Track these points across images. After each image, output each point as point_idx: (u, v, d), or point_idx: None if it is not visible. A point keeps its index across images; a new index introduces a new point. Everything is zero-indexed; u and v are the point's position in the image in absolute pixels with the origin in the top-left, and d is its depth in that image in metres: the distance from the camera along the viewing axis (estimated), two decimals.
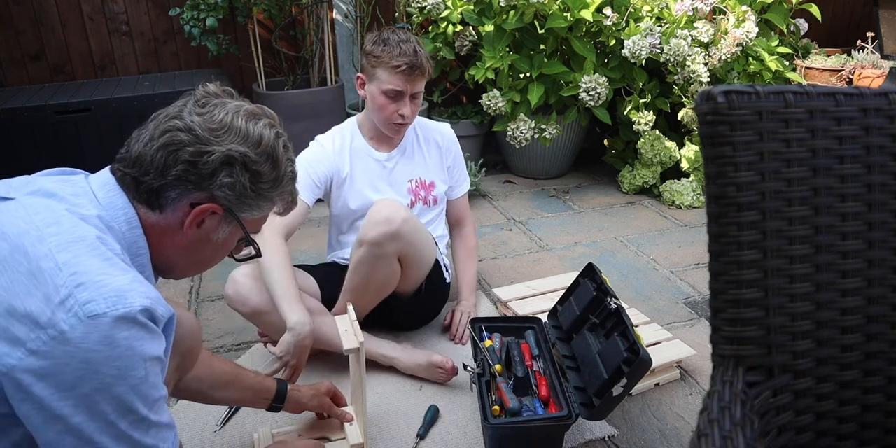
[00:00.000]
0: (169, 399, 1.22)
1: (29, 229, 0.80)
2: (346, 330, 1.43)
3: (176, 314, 0.90)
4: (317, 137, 1.92)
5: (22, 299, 0.75)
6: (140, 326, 0.79)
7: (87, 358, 0.75)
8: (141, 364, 0.79)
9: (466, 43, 3.18)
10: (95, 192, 0.91)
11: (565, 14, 2.86)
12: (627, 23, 2.89)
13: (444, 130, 2.03)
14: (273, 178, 0.98)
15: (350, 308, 1.50)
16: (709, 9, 2.86)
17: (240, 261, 1.08)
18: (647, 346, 1.68)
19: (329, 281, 1.86)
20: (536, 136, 3.06)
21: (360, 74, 1.83)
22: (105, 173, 0.94)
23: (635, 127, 2.99)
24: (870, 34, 3.45)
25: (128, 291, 0.79)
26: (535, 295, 2.12)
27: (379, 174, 1.91)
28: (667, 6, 2.91)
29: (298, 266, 1.86)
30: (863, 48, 3.39)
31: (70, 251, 0.80)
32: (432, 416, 1.63)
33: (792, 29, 3.41)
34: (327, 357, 1.83)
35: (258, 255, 1.06)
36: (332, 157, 1.86)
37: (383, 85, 1.75)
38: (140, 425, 0.82)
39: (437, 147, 1.99)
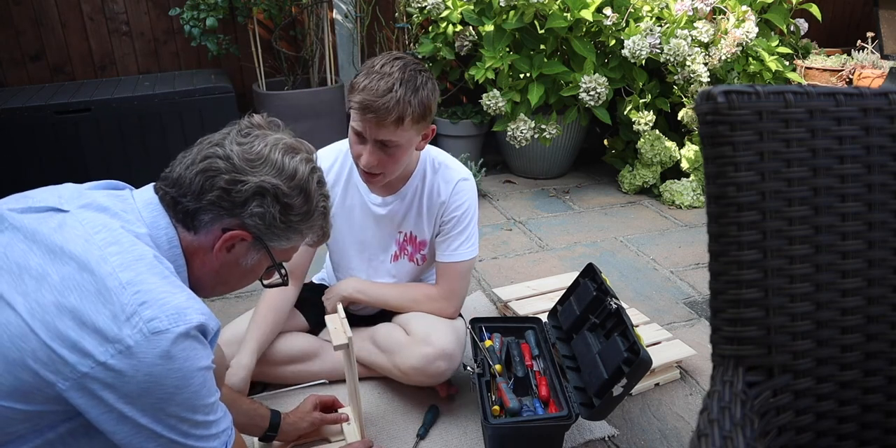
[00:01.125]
0: None
1: (91, 248, 0.85)
2: (336, 327, 1.43)
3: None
4: (317, 153, 1.76)
5: (92, 315, 0.81)
6: (193, 340, 0.86)
7: (150, 371, 0.82)
8: (197, 374, 0.87)
9: (466, 43, 3.18)
10: (141, 210, 0.95)
11: (565, 14, 2.86)
12: (627, 23, 2.89)
13: (455, 182, 1.62)
14: (304, 211, 1.01)
15: (339, 307, 1.50)
16: (709, 9, 2.87)
17: (267, 286, 1.11)
18: (647, 346, 1.68)
19: (321, 303, 1.81)
20: (536, 136, 3.06)
21: None
22: (149, 191, 0.99)
23: (635, 127, 2.99)
24: (870, 34, 3.45)
25: (186, 308, 0.86)
26: (535, 295, 2.12)
27: (365, 218, 1.67)
28: (667, 6, 2.91)
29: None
30: (863, 48, 3.39)
31: (132, 270, 0.85)
32: (433, 417, 1.63)
33: (792, 29, 3.41)
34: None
35: (284, 283, 1.08)
36: None
37: (350, 119, 1.47)
38: (200, 425, 0.90)
39: (437, 201, 1.63)
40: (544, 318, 1.83)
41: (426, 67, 1.48)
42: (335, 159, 1.65)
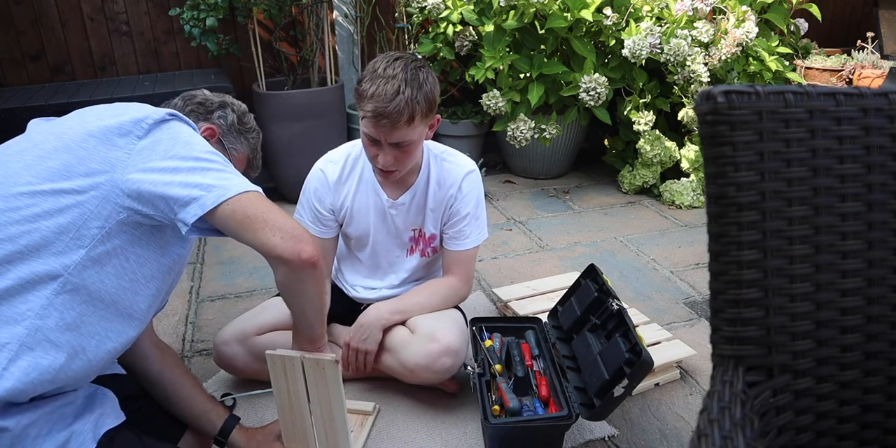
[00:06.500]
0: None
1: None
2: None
3: None
4: (324, 156, 1.73)
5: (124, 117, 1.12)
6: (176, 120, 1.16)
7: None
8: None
9: (466, 43, 3.18)
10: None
11: (565, 14, 2.86)
12: (627, 23, 2.90)
13: (461, 177, 1.68)
14: (251, 127, 1.47)
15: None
16: (709, 9, 2.86)
17: None
18: (647, 346, 1.68)
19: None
20: (536, 136, 3.06)
21: None
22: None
23: (635, 127, 2.99)
24: (870, 34, 3.45)
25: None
26: (535, 295, 2.12)
27: (378, 218, 1.71)
28: (667, 6, 2.91)
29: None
30: (863, 48, 3.39)
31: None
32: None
33: (792, 29, 3.41)
34: None
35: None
36: (333, 187, 1.68)
37: (361, 125, 1.52)
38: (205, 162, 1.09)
39: (444, 197, 1.69)
40: (544, 318, 1.83)
41: (424, 62, 1.52)
42: (345, 160, 1.70)
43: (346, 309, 1.85)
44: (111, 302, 1.07)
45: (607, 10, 2.85)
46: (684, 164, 3.09)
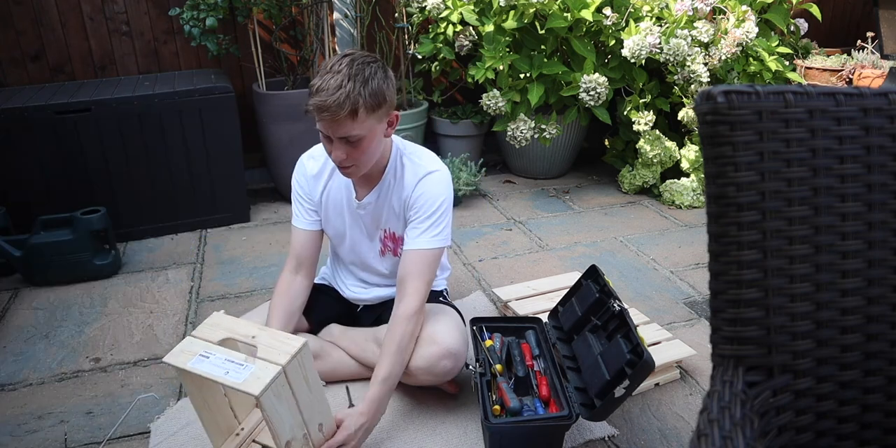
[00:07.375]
0: None
1: None
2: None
3: None
4: (308, 151, 1.75)
5: None
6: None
7: None
8: None
9: (466, 43, 3.18)
10: None
11: (565, 14, 2.86)
12: (627, 23, 2.89)
13: (420, 176, 1.63)
14: None
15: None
16: (709, 9, 2.86)
17: None
18: (648, 346, 1.68)
19: (323, 303, 1.86)
20: (536, 136, 3.06)
21: None
22: None
23: (635, 127, 2.99)
24: (870, 34, 3.44)
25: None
26: (535, 295, 2.12)
27: (351, 216, 1.73)
28: (667, 6, 2.91)
29: None
30: (863, 48, 3.38)
31: None
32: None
33: (792, 29, 3.41)
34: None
35: None
36: (309, 180, 1.71)
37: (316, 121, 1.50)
38: None
39: (404, 197, 1.65)
40: (544, 318, 1.83)
41: (377, 58, 1.50)
42: (326, 157, 1.69)
43: (343, 309, 1.86)
44: None
45: (607, 10, 2.85)
46: (684, 164, 3.09)
